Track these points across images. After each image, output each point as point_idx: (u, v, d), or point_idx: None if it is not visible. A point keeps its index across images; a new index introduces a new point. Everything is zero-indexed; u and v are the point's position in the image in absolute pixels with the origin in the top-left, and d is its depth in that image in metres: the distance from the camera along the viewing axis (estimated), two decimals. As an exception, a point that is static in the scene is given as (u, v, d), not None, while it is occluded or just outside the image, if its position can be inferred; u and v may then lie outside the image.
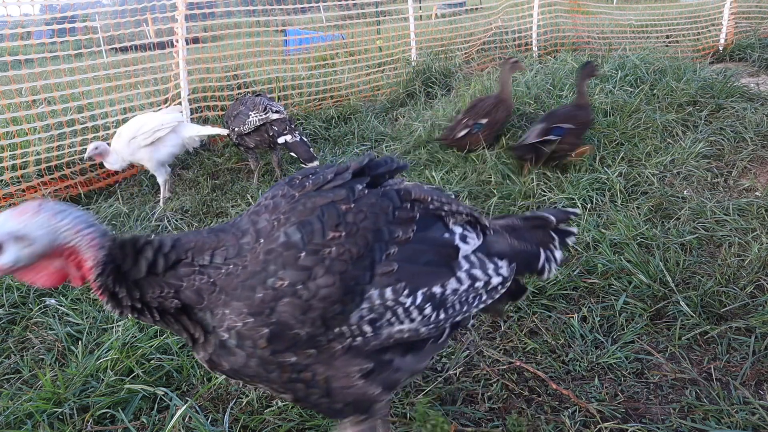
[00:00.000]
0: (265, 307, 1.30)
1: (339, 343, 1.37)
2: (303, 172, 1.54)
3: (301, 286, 1.30)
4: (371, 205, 1.42)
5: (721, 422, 2.01)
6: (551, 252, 1.74)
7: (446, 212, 1.60)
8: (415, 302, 1.42)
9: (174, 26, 5.58)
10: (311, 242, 1.32)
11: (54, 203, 1.32)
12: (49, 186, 4.68)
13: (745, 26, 9.28)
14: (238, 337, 1.33)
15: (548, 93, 5.71)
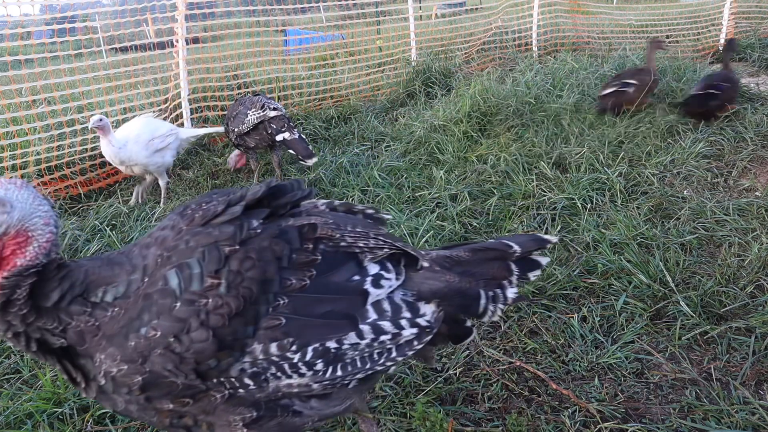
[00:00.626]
0: (137, 356, 1.24)
1: (218, 392, 1.29)
2: (200, 199, 1.43)
3: (173, 339, 1.23)
4: (261, 250, 1.29)
5: (721, 422, 2.00)
6: (501, 290, 1.49)
7: (361, 248, 1.40)
8: (304, 358, 1.30)
9: (174, 26, 5.58)
10: (187, 290, 1.24)
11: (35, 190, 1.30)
12: (49, 186, 4.68)
13: (745, 26, 9.28)
14: (114, 383, 1.27)
15: (548, 93, 5.71)
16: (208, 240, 1.28)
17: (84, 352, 1.28)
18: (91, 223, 4.02)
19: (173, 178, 5.04)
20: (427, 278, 1.45)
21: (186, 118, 5.82)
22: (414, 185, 4.13)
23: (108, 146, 4.27)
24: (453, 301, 1.45)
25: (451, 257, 1.53)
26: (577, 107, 5.41)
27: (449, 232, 3.34)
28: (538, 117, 5.18)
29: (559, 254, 3.15)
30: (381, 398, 2.23)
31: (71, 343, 1.28)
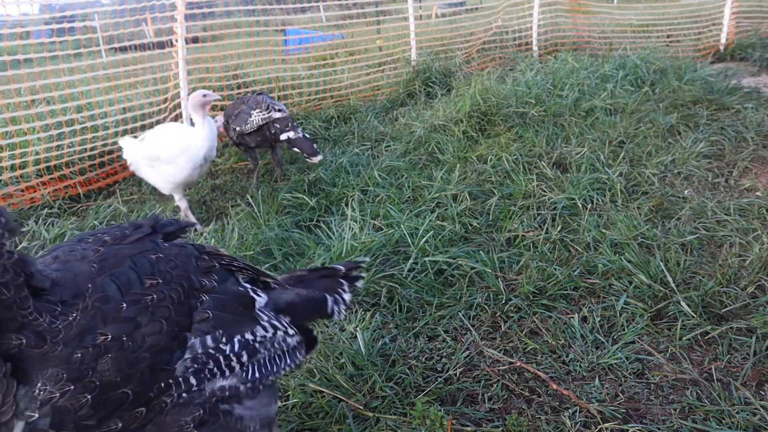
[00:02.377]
0: (85, 369, 1.15)
1: (168, 397, 1.30)
2: (91, 232, 1.46)
3: (125, 338, 1.21)
4: (177, 255, 1.41)
5: (722, 423, 2.00)
6: (339, 296, 1.80)
7: (236, 267, 1.59)
8: (233, 349, 1.41)
9: (173, 26, 5.57)
10: (129, 292, 1.26)
11: None
12: (48, 186, 4.67)
13: (746, 26, 9.27)
14: (56, 413, 1.13)
15: (549, 93, 5.70)
16: (132, 251, 1.36)
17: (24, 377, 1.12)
18: (90, 223, 4.02)
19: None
20: (281, 294, 1.69)
21: (186, 118, 5.81)
22: (414, 185, 4.12)
23: (207, 126, 3.84)
24: (307, 307, 1.70)
25: (293, 277, 1.81)
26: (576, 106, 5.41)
27: (449, 232, 3.34)
28: (539, 117, 5.17)
29: (560, 254, 3.15)
30: (381, 398, 2.23)
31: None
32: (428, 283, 2.94)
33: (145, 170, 3.97)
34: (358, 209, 3.63)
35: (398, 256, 3.12)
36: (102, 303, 1.22)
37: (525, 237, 3.33)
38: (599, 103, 5.36)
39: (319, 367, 2.38)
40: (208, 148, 3.86)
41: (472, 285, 2.93)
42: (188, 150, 3.80)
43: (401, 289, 2.86)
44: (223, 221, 3.96)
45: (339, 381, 2.29)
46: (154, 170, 3.91)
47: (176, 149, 3.77)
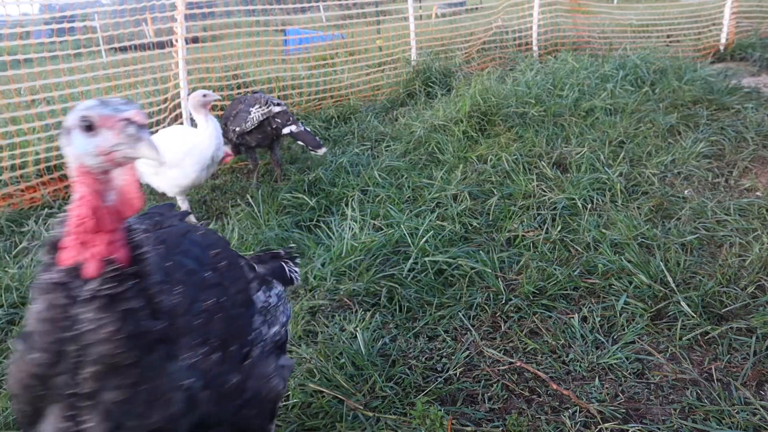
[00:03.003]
0: (206, 333, 1.24)
1: (256, 348, 1.46)
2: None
3: (222, 300, 1.32)
4: (208, 231, 1.59)
5: (722, 423, 2.00)
6: (290, 266, 2.00)
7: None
8: (273, 302, 1.64)
9: (173, 26, 5.57)
10: (204, 264, 1.36)
11: None
12: (48, 186, 4.67)
13: (746, 26, 9.27)
14: (200, 375, 1.20)
15: (549, 93, 5.70)
16: (180, 231, 1.44)
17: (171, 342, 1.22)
18: (90, 223, 4.01)
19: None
20: (260, 269, 1.83)
21: (185, 118, 5.81)
22: (414, 185, 4.12)
23: (211, 125, 3.78)
24: (275, 274, 1.87)
25: (254, 257, 1.98)
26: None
27: (449, 232, 3.34)
28: (539, 117, 5.17)
29: (560, 254, 3.15)
30: (381, 398, 2.23)
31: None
32: (428, 283, 2.93)
33: (151, 177, 3.92)
34: (358, 209, 3.63)
35: (398, 256, 3.12)
36: (189, 276, 1.29)
37: (525, 237, 3.33)
38: (599, 103, 5.36)
39: (319, 367, 2.38)
40: (215, 147, 3.82)
41: (472, 285, 2.93)
42: (193, 151, 3.76)
43: (401, 289, 2.86)
44: (223, 221, 3.96)
45: (339, 381, 2.29)
46: (159, 176, 3.86)
47: (180, 152, 3.73)
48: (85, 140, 1.04)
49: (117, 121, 1.04)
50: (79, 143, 1.05)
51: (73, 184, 1.07)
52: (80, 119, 1.05)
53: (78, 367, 1.06)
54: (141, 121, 1.05)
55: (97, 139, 1.04)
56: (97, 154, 1.04)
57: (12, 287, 3.19)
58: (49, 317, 1.04)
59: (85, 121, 1.04)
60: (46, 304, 1.05)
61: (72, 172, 1.08)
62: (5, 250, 3.71)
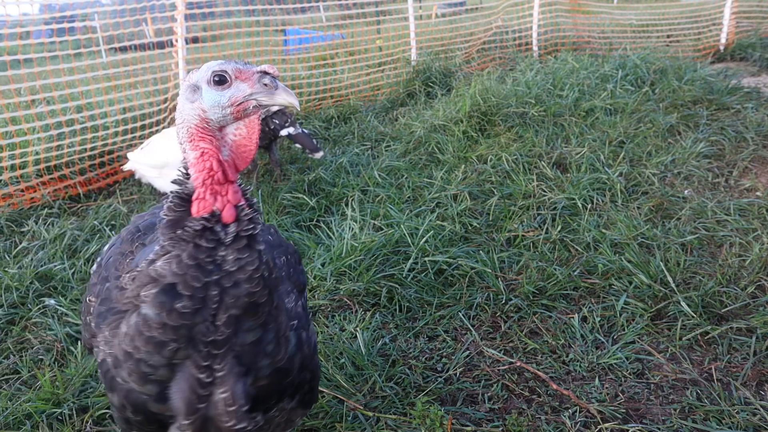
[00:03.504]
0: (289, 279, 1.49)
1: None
2: (150, 213, 1.58)
3: (289, 256, 1.57)
4: None
5: (722, 423, 2.00)
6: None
7: None
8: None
9: (173, 26, 5.57)
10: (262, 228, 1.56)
11: None
12: (48, 186, 4.67)
13: (746, 26, 9.27)
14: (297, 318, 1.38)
15: (549, 93, 5.70)
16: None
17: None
18: (90, 223, 4.01)
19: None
20: None
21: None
22: (414, 185, 4.12)
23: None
24: None
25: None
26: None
27: (449, 232, 3.34)
28: (539, 117, 5.17)
29: (560, 254, 3.15)
30: (381, 398, 2.23)
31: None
32: (428, 283, 2.93)
33: (153, 179, 3.96)
34: (358, 209, 3.63)
35: (398, 256, 3.12)
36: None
37: (525, 237, 3.33)
38: (599, 103, 5.35)
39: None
40: None
41: (472, 285, 2.93)
42: None
43: (401, 289, 2.86)
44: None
45: (339, 381, 2.29)
46: (162, 178, 3.87)
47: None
48: (217, 93, 1.12)
49: (253, 73, 1.13)
50: (210, 96, 1.12)
51: (191, 141, 1.15)
52: (213, 74, 1.12)
53: (217, 312, 1.12)
54: (275, 72, 1.14)
55: (230, 90, 1.12)
56: (230, 105, 1.12)
57: (12, 287, 3.19)
58: (196, 263, 1.10)
59: (219, 76, 1.12)
60: (189, 251, 1.10)
61: (186, 131, 1.16)
62: (5, 250, 3.71)
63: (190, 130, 1.15)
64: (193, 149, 1.15)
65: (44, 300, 3.11)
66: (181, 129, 1.16)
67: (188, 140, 1.16)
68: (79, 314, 2.93)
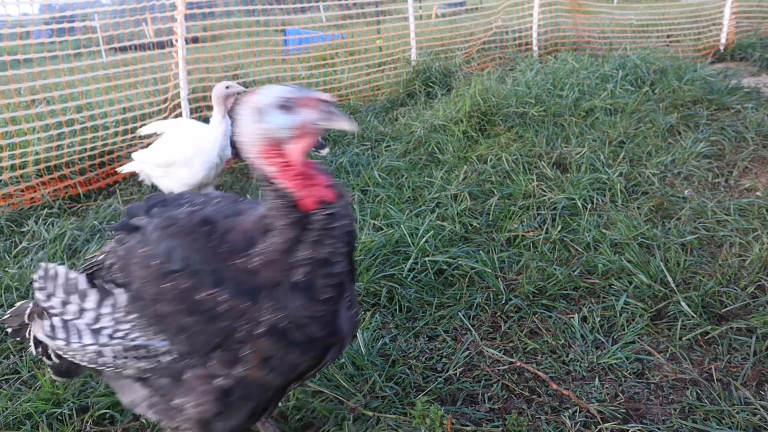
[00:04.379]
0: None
1: None
2: (184, 211, 1.59)
3: None
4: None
5: (722, 423, 2.00)
6: None
7: None
8: None
9: (173, 26, 5.57)
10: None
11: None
12: (48, 186, 4.67)
13: (746, 26, 9.27)
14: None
15: (549, 93, 5.70)
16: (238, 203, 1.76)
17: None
18: (90, 223, 4.02)
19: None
20: None
21: (186, 118, 5.81)
22: (414, 185, 4.12)
23: (223, 125, 3.77)
24: None
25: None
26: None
27: (449, 232, 3.34)
28: (539, 117, 5.17)
29: (560, 254, 3.15)
30: (381, 398, 2.23)
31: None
32: (428, 283, 2.93)
33: (159, 178, 3.92)
34: (358, 209, 3.63)
35: (398, 256, 3.12)
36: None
37: (525, 237, 3.33)
38: (599, 103, 5.35)
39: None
40: (222, 147, 3.79)
41: (472, 285, 2.93)
42: (202, 151, 3.73)
43: (401, 289, 2.86)
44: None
45: (339, 381, 2.29)
46: (168, 177, 3.84)
47: (189, 151, 3.71)
48: (283, 117, 1.28)
49: (315, 100, 1.30)
50: (277, 119, 1.29)
51: (265, 158, 1.32)
52: (279, 100, 1.28)
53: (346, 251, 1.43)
54: (334, 100, 1.31)
55: (295, 115, 1.29)
56: (296, 128, 1.29)
57: (12, 287, 3.19)
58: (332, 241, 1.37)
59: (286, 102, 1.28)
60: (325, 237, 1.35)
61: (255, 149, 1.33)
62: (5, 250, 3.71)
63: (259, 148, 1.32)
64: (270, 164, 1.32)
65: (44, 300, 3.11)
66: (248, 147, 1.33)
67: (260, 157, 1.33)
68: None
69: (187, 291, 1.36)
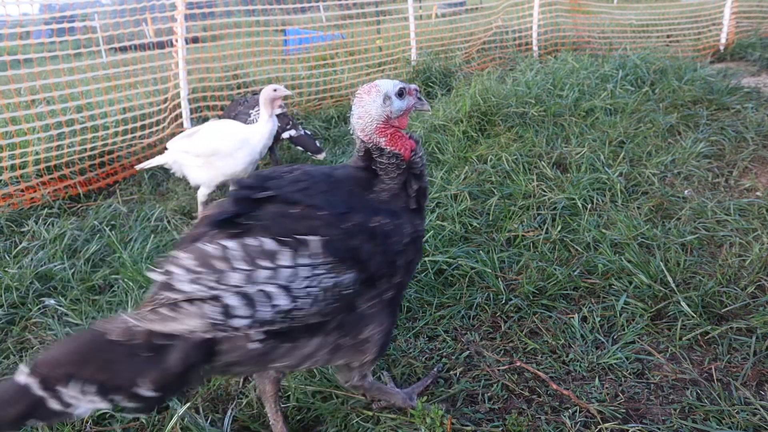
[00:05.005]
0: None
1: None
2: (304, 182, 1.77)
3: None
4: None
5: (722, 423, 2.00)
6: None
7: None
8: None
9: (173, 26, 5.57)
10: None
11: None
12: (48, 186, 4.67)
13: (746, 26, 9.27)
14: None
15: (549, 93, 5.70)
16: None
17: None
18: (90, 223, 4.02)
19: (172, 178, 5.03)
20: None
21: (186, 118, 5.82)
22: (414, 185, 4.11)
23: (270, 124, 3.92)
24: None
25: None
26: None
27: (449, 232, 3.34)
28: (539, 117, 5.17)
29: (560, 254, 3.15)
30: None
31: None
32: (428, 283, 2.94)
33: (194, 168, 3.96)
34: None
35: (398, 256, 3.11)
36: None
37: (525, 237, 3.33)
38: (599, 103, 5.36)
39: (318, 367, 2.38)
40: (264, 145, 3.93)
41: (472, 285, 2.93)
42: (248, 144, 3.85)
43: (401, 289, 2.86)
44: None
45: (339, 380, 2.29)
46: (205, 167, 3.90)
47: (236, 143, 3.83)
48: (400, 102, 1.80)
49: (413, 90, 1.88)
50: (397, 104, 1.79)
51: (379, 131, 1.78)
52: (399, 89, 1.80)
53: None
54: (419, 90, 1.90)
55: (405, 101, 1.83)
56: (405, 109, 1.83)
57: (12, 287, 3.19)
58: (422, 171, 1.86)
59: (401, 91, 1.81)
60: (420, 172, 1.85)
61: (373, 124, 1.77)
62: (5, 250, 3.71)
63: (377, 125, 1.77)
64: (382, 135, 1.78)
65: (44, 300, 3.11)
66: (368, 122, 1.77)
67: (376, 130, 1.77)
68: (78, 314, 2.93)
69: (362, 224, 1.63)
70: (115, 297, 3.07)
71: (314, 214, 1.59)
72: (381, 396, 2.09)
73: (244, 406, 2.23)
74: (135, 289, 3.02)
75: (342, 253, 1.56)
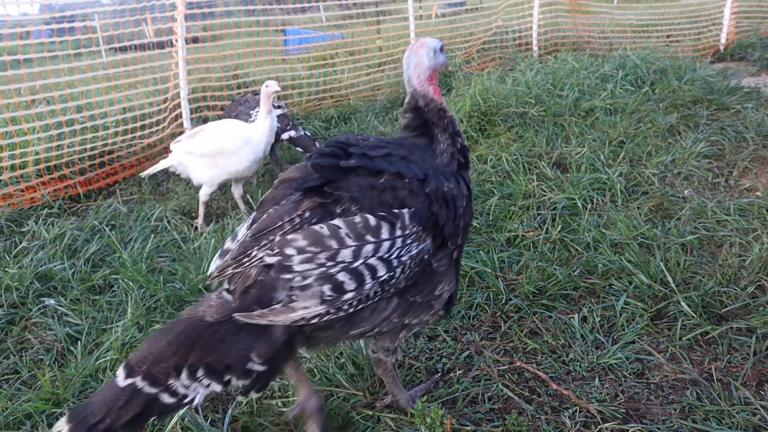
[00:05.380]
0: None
1: None
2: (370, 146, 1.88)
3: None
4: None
5: (722, 423, 2.00)
6: None
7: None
8: None
9: (173, 26, 5.57)
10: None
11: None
12: (48, 186, 4.67)
13: (746, 26, 9.27)
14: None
15: (549, 93, 5.70)
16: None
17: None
18: (90, 223, 4.02)
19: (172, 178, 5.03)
20: None
21: (186, 118, 5.82)
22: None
23: (269, 120, 3.95)
24: None
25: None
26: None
27: (449, 232, 3.33)
28: (539, 117, 5.17)
29: (560, 254, 3.15)
30: (381, 398, 2.23)
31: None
32: (428, 283, 2.93)
33: (199, 168, 3.96)
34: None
35: (398, 256, 3.11)
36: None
37: (525, 237, 3.33)
38: (599, 103, 5.36)
39: (319, 366, 2.38)
40: (266, 142, 3.96)
41: (472, 285, 2.93)
42: (251, 142, 3.88)
43: (401, 289, 2.86)
44: (223, 221, 3.96)
45: (339, 380, 2.29)
46: (210, 167, 3.91)
47: (240, 141, 3.86)
48: (442, 56, 1.97)
49: (443, 48, 2.00)
50: (440, 57, 1.96)
51: (429, 79, 1.95)
52: (441, 46, 1.96)
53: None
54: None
55: (443, 56, 1.99)
56: (441, 63, 1.98)
57: (12, 287, 3.19)
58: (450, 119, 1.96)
59: (442, 47, 1.97)
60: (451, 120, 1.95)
61: (426, 73, 1.93)
62: (5, 250, 3.71)
63: (429, 75, 1.93)
64: (429, 85, 1.93)
65: (44, 300, 3.11)
66: (422, 71, 1.92)
67: (426, 80, 1.93)
68: (78, 314, 2.93)
69: (437, 189, 1.72)
70: (115, 297, 3.07)
71: (399, 183, 1.68)
72: (391, 385, 2.10)
73: (244, 406, 2.23)
74: (135, 289, 3.02)
75: (425, 222, 1.69)
